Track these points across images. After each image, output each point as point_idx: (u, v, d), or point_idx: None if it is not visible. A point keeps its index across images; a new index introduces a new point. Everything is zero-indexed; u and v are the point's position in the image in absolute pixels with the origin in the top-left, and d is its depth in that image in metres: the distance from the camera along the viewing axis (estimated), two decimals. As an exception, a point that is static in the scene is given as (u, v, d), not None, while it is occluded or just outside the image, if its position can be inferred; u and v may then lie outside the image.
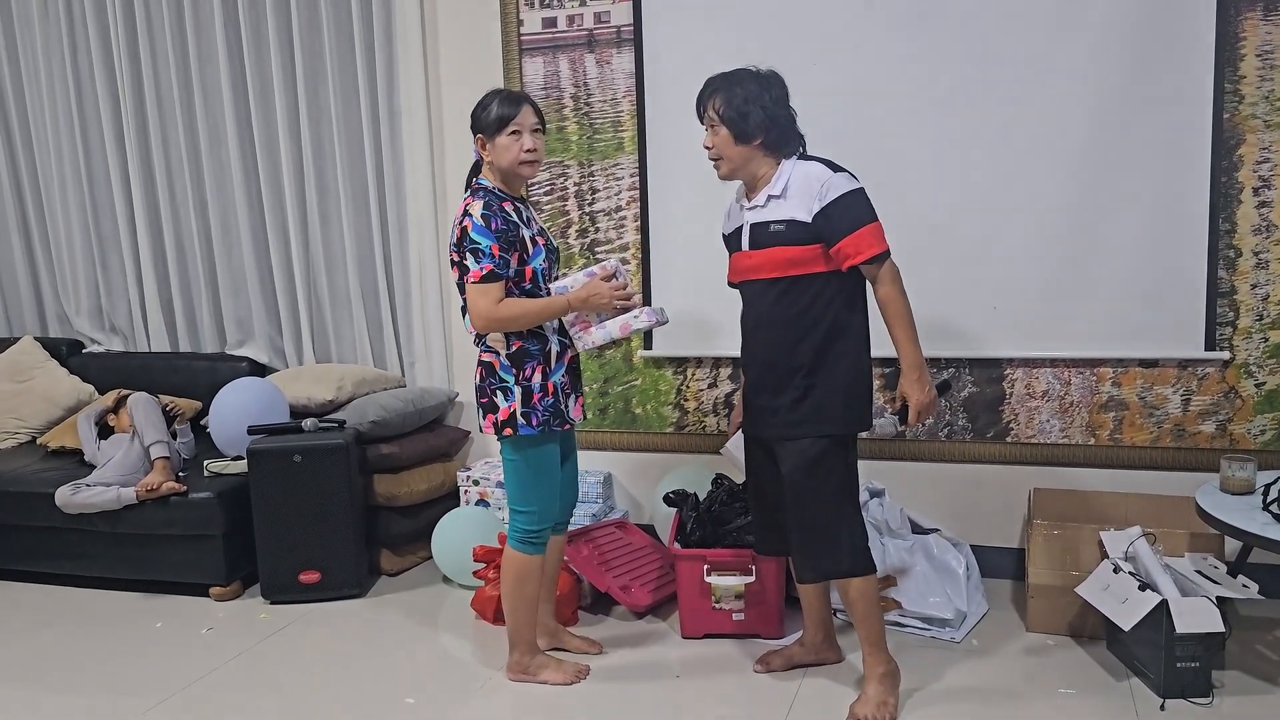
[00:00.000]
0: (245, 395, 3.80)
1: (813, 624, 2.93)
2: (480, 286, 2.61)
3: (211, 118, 4.23)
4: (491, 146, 2.68)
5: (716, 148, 2.62)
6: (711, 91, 2.61)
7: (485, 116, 2.68)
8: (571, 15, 3.73)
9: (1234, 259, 3.19)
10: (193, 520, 3.53)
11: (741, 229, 2.67)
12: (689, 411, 3.81)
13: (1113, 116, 3.21)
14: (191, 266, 4.39)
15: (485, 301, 2.62)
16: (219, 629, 3.39)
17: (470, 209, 2.63)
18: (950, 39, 3.31)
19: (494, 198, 2.66)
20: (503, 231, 2.62)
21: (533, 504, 2.76)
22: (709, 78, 2.65)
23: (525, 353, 2.71)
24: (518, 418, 2.69)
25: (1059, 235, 3.30)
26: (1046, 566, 3.08)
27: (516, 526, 2.78)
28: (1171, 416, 3.31)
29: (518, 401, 2.69)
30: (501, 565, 2.85)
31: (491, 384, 2.71)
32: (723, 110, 2.58)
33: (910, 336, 2.57)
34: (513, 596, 2.82)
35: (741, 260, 2.69)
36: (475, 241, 2.61)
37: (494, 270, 2.61)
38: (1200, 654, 2.65)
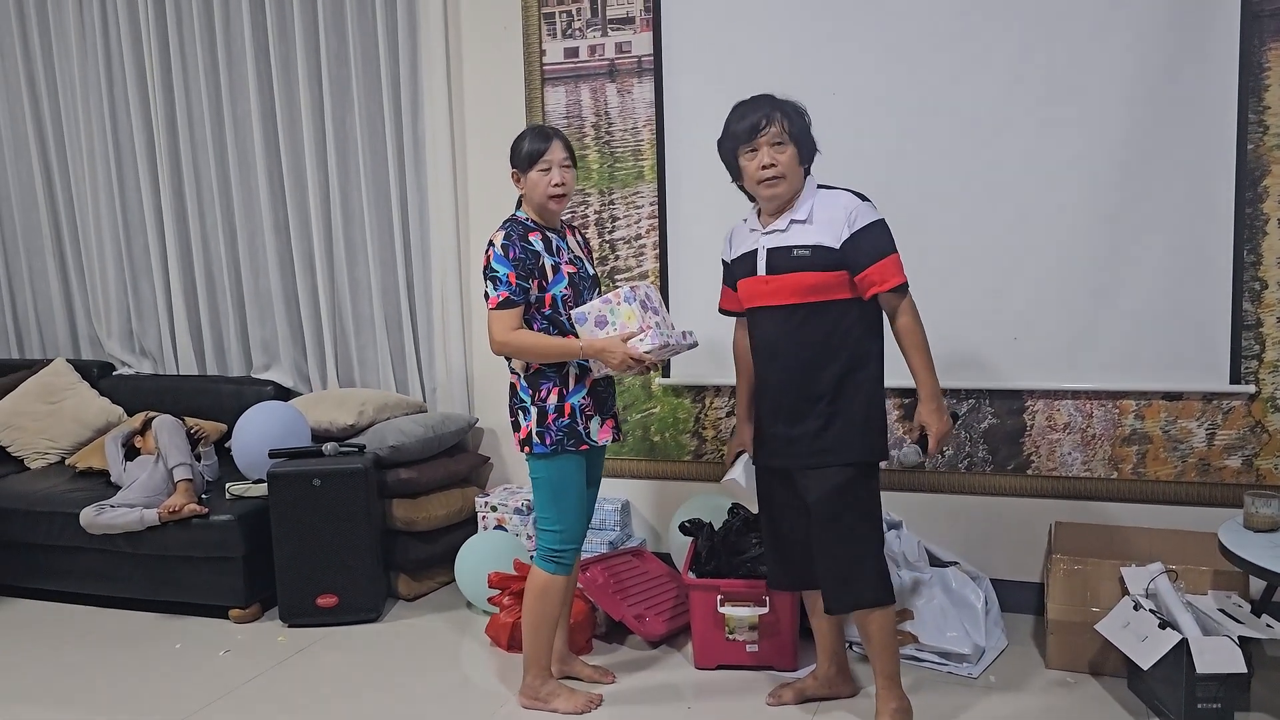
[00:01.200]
0: (268, 418, 3.84)
1: (826, 657, 2.90)
2: (496, 313, 2.71)
3: (241, 147, 4.31)
4: (524, 180, 2.78)
5: (781, 166, 2.54)
6: (772, 107, 2.55)
7: (519, 152, 2.78)
8: (593, 45, 3.77)
9: (1259, 291, 3.14)
10: (214, 542, 3.57)
11: (756, 253, 2.64)
12: (707, 440, 3.80)
13: (1136, 147, 3.18)
14: (220, 292, 4.46)
15: (499, 327, 2.71)
16: (237, 651, 3.41)
17: (494, 239, 2.74)
18: (972, 72, 3.31)
19: (519, 228, 2.75)
20: (520, 260, 2.70)
21: (557, 522, 2.79)
22: (754, 98, 2.60)
23: (541, 374, 2.77)
24: (533, 436, 2.75)
25: (1081, 266, 3.27)
26: (1066, 602, 3.03)
27: (542, 544, 2.82)
28: (1196, 451, 3.25)
29: (533, 421, 2.75)
30: (526, 583, 2.87)
31: (514, 403, 2.82)
32: (792, 129, 2.55)
33: (928, 365, 2.56)
34: (533, 614, 2.84)
35: (755, 285, 2.65)
36: (494, 270, 2.71)
37: (509, 297, 2.69)
38: (1222, 695, 2.59)
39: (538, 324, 2.76)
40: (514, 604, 3.34)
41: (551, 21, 3.81)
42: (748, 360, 2.81)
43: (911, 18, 3.35)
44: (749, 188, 2.65)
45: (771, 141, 2.53)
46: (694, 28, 3.60)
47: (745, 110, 2.58)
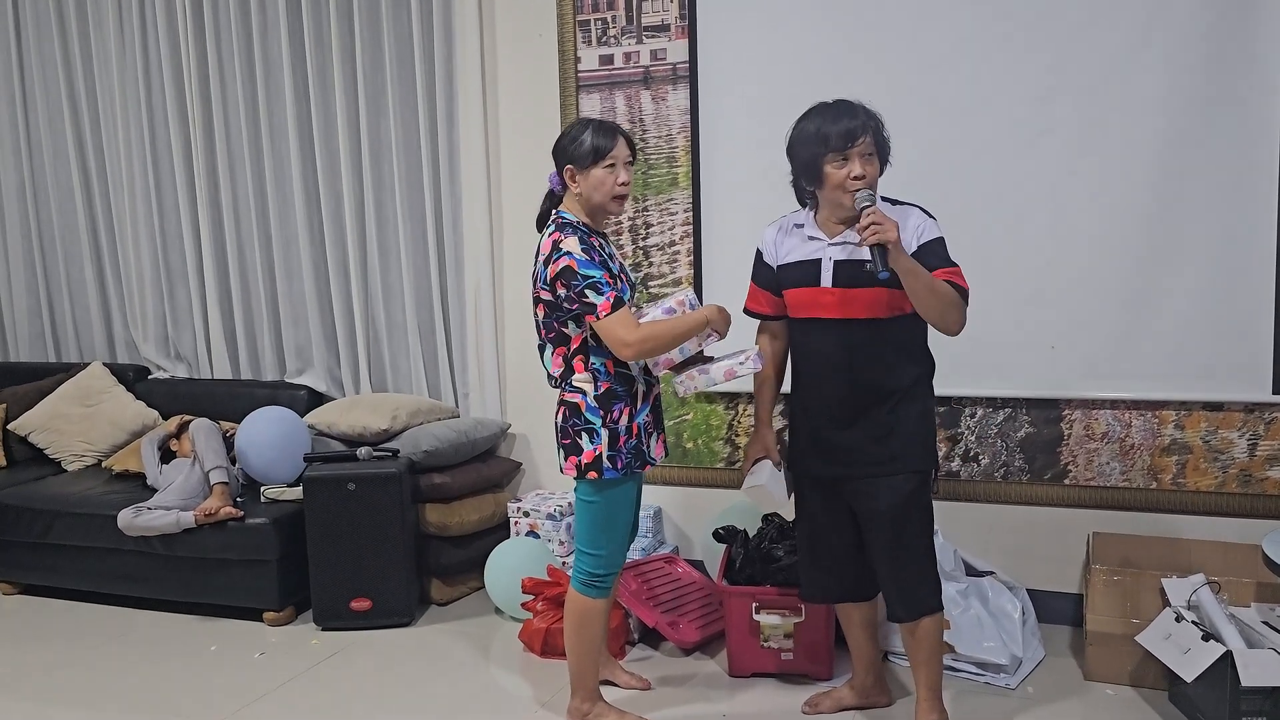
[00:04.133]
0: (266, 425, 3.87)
1: (863, 666, 2.88)
2: (613, 317, 2.51)
3: (277, 154, 4.35)
4: (583, 178, 2.60)
5: (870, 177, 2.48)
6: (867, 117, 2.49)
7: (578, 148, 2.59)
8: (628, 53, 3.78)
9: (1303, 300, 3.11)
10: (249, 545, 3.59)
11: (819, 263, 2.56)
12: (740, 447, 3.79)
13: (1175, 154, 3.16)
14: (254, 297, 4.50)
15: (624, 329, 2.51)
16: (271, 654, 3.43)
17: (565, 245, 2.53)
18: (1009, 79, 3.29)
19: (583, 233, 2.59)
20: (603, 262, 2.57)
21: (603, 548, 2.68)
22: (848, 105, 2.51)
23: (613, 394, 2.62)
24: (603, 461, 2.60)
25: (1120, 274, 3.24)
26: (1106, 613, 3.00)
27: (582, 569, 2.70)
28: (1237, 461, 3.21)
29: (604, 444, 2.60)
30: (565, 607, 2.78)
31: (576, 425, 2.62)
32: (879, 142, 2.50)
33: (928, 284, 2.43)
34: (575, 640, 2.74)
35: (816, 296, 2.57)
36: (588, 275, 2.51)
37: (618, 296, 2.53)
38: (1268, 709, 2.55)
39: (590, 334, 2.60)
40: (547, 609, 3.34)
41: (586, 29, 3.83)
42: (774, 366, 2.79)
43: (947, 26, 3.34)
44: (827, 194, 2.53)
45: (864, 152, 2.46)
46: (730, 35, 3.61)
47: (837, 114, 2.48)
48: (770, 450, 2.79)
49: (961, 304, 2.47)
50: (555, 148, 2.68)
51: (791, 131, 2.58)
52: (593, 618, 2.72)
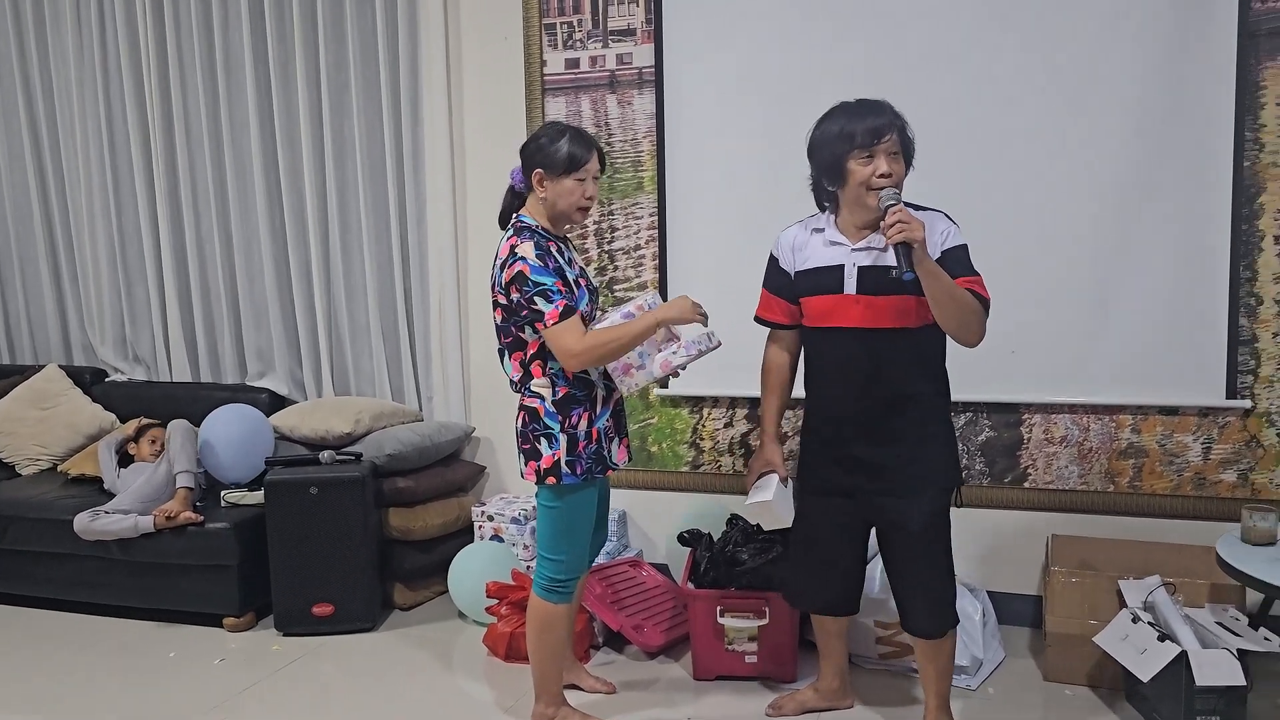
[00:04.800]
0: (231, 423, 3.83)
1: (832, 670, 2.89)
2: (561, 325, 2.48)
3: (238, 153, 4.30)
4: (553, 185, 2.58)
5: (896, 176, 2.41)
6: (894, 116, 2.43)
7: (553, 154, 2.56)
8: (594, 56, 3.78)
9: (1255, 307, 3.17)
10: (208, 550, 3.55)
11: (841, 269, 2.47)
12: (705, 450, 3.80)
13: (1134, 164, 3.21)
14: (215, 299, 4.44)
15: (571, 338, 2.49)
16: (231, 660, 3.39)
17: (521, 250, 2.51)
18: (972, 89, 3.33)
19: (540, 237, 2.57)
20: (559, 269, 2.54)
21: (563, 553, 2.66)
22: (876, 102, 2.44)
23: (572, 399, 2.61)
24: (561, 466, 2.59)
25: (1078, 280, 3.29)
26: (1064, 615, 3.04)
27: (544, 574, 2.68)
28: (1192, 465, 3.28)
29: (563, 450, 2.59)
30: (527, 613, 2.76)
31: (535, 430, 2.61)
32: (904, 143, 2.43)
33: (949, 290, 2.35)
34: (538, 645, 2.73)
35: (839, 304, 2.48)
36: (539, 282, 2.48)
37: (568, 305, 2.49)
38: (1221, 708, 2.60)
39: None
40: (512, 613, 3.33)
41: (552, 32, 3.82)
42: (783, 377, 2.70)
43: (913, 33, 3.37)
44: (849, 194, 2.44)
45: (889, 151, 2.39)
46: (696, 40, 3.62)
47: (863, 112, 2.42)
48: (778, 465, 2.69)
49: (982, 314, 2.40)
50: (526, 149, 2.64)
51: (813, 132, 2.49)
52: (555, 623, 2.71)
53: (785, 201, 3.42)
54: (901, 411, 2.49)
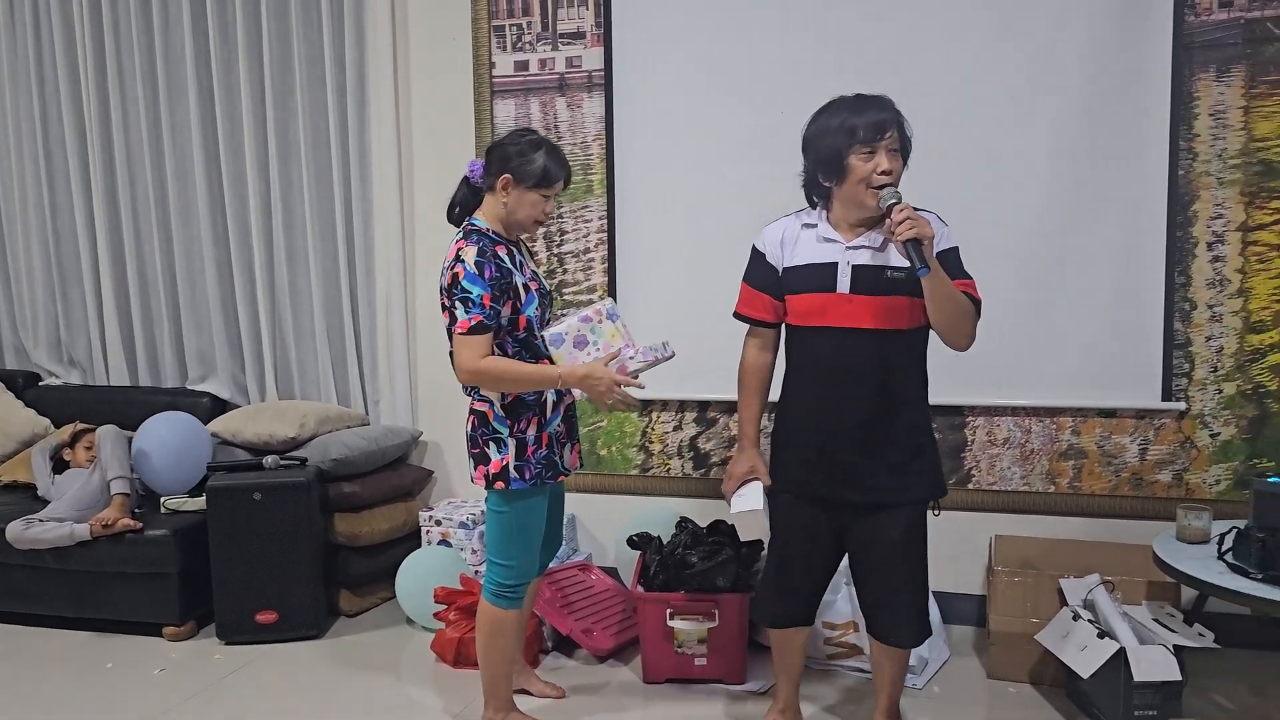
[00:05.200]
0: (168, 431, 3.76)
1: (793, 686, 2.76)
2: (466, 338, 2.46)
3: (179, 152, 4.22)
4: (517, 194, 2.55)
5: (896, 173, 2.35)
6: (895, 112, 2.38)
7: (527, 164, 2.53)
8: (543, 59, 3.77)
9: (1189, 312, 3.26)
10: (148, 558, 3.47)
11: (835, 267, 2.39)
12: (654, 454, 3.80)
13: (1074, 172, 3.29)
14: (154, 300, 4.35)
15: (469, 354, 2.47)
16: (172, 670, 3.31)
17: (463, 255, 2.49)
18: (919, 96, 3.33)
19: (488, 242, 2.53)
20: (496, 279, 2.49)
21: (513, 558, 2.63)
22: (877, 97, 2.40)
23: (521, 403, 2.58)
24: (510, 471, 2.56)
25: (1020, 286, 3.35)
26: (1007, 613, 3.10)
27: (493, 579, 2.65)
28: (1129, 465, 3.36)
29: (511, 454, 2.57)
30: (476, 618, 2.73)
31: (484, 434, 2.59)
32: (905, 139, 2.38)
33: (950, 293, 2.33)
34: (487, 650, 2.70)
35: (832, 302, 2.40)
36: (466, 290, 2.46)
37: (483, 321, 2.46)
38: (1158, 703, 2.67)
39: (510, 348, 2.56)
40: (460, 619, 3.30)
41: (501, 34, 3.81)
42: (764, 378, 2.59)
43: (859, 41, 3.41)
44: (847, 190, 2.37)
45: (890, 147, 2.33)
46: (646, 44, 3.63)
47: (864, 106, 2.36)
48: (763, 473, 2.57)
49: (975, 317, 2.38)
50: (497, 152, 2.60)
51: (810, 125, 2.43)
52: (504, 628, 2.69)
53: (735, 204, 3.48)
54: (893, 417, 2.43)
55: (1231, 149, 3.19)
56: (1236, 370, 3.24)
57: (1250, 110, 3.17)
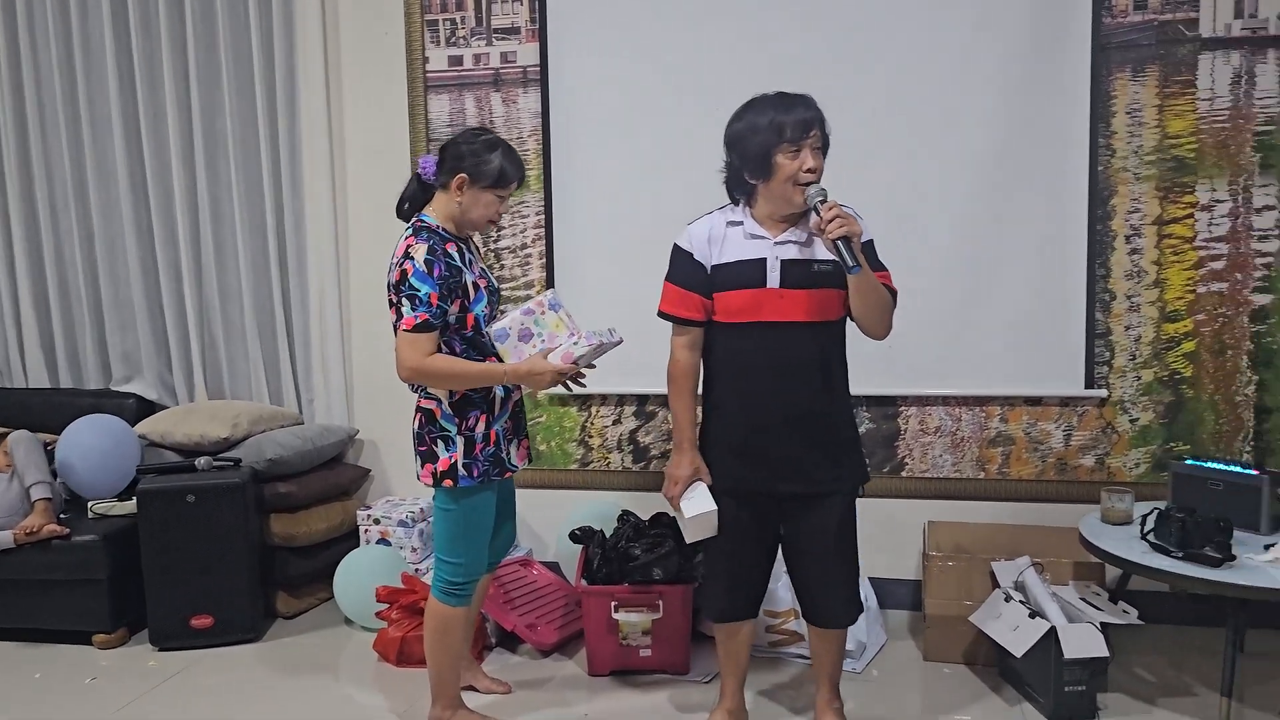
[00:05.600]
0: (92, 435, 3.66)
1: (740, 684, 2.76)
2: (411, 336, 2.46)
3: (100, 147, 4.10)
4: (472, 193, 2.55)
5: (820, 170, 2.39)
6: (817, 110, 2.40)
7: (484, 164, 2.54)
8: (478, 54, 3.75)
9: (1109, 302, 3.39)
10: (76, 564, 3.38)
11: (764, 263, 2.42)
12: (593, 448, 3.82)
13: (999, 169, 3.39)
14: (75, 299, 4.22)
15: (414, 353, 2.46)
16: (103, 678, 3.23)
17: (413, 252, 2.47)
18: (848, 95, 3.42)
19: (439, 239, 2.52)
20: (445, 278, 2.47)
21: (461, 555, 2.63)
22: (800, 96, 2.42)
23: (469, 401, 2.57)
24: (459, 469, 2.56)
25: (950, 280, 3.45)
26: (942, 597, 3.19)
27: (441, 577, 2.64)
28: (1055, 451, 3.48)
29: (459, 452, 2.56)
30: (425, 616, 2.72)
31: (431, 432, 2.58)
32: (826, 136, 2.42)
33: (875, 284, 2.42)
34: (436, 648, 2.69)
35: (763, 298, 2.42)
36: (414, 288, 2.45)
37: (428, 320, 2.45)
38: (1086, 678, 2.78)
39: (458, 346, 2.55)
40: (403, 618, 3.28)
41: (435, 28, 3.78)
42: (695, 378, 2.58)
43: (790, 41, 3.47)
44: (774, 188, 2.39)
45: (814, 145, 2.38)
46: (581, 39, 3.64)
47: (791, 104, 2.39)
48: (704, 472, 2.56)
49: (893, 308, 2.46)
50: (452, 150, 2.59)
51: (736, 122, 2.44)
52: (453, 626, 2.68)
53: (671, 198, 3.51)
54: (828, 408, 2.48)
55: (1147, 145, 3.33)
56: (1154, 358, 3.38)
57: (1164, 108, 3.31)
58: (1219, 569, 2.58)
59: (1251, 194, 3.28)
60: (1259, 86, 3.25)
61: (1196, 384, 3.36)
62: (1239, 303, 3.32)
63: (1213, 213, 3.31)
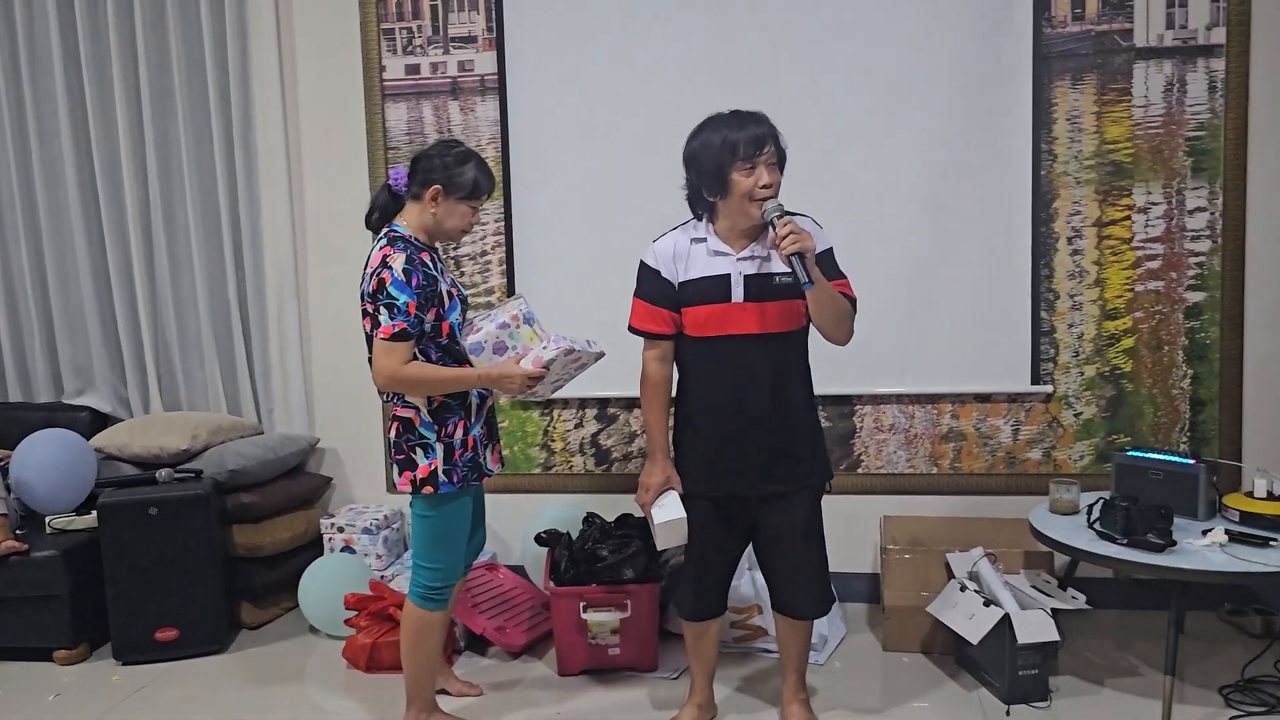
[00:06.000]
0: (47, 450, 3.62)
1: (709, 679, 2.87)
2: (388, 344, 2.50)
3: (47, 157, 4.04)
4: (446, 205, 2.61)
5: (775, 186, 2.47)
6: (770, 126, 2.48)
7: (457, 176, 2.60)
8: (435, 63, 3.78)
9: (1053, 301, 3.52)
10: (35, 581, 3.34)
11: (729, 278, 2.52)
12: (556, 452, 3.87)
13: (947, 175, 3.51)
14: (23, 310, 4.16)
15: (391, 360, 2.50)
16: (66, 695, 3.20)
17: (391, 261, 2.51)
18: (801, 104, 3.52)
19: (414, 249, 2.56)
20: (423, 287, 2.53)
21: (439, 561, 2.67)
22: (754, 114, 2.49)
23: (447, 408, 2.62)
24: (439, 475, 2.60)
25: (902, 283, 3.56)
26: (899, 589, 3.29)
27: (419, 582, 2.68)
28: (1004, 445, 3.61)
29: (439, 459, 2.61)
30: (402, 621, 2.76)
31: (410, 440, 2.61)
32: (781, 151, 2.50)
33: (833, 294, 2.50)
34: (414, 652, 2.73)
35: (728, 313, 2.52)
36: (392, 297, 2.49)
37: (406, 329, 2.50)
38: (1038, 662, 2.90)
39: (434, 354, 2.61)
40: (372, 624, 3.30)
41: (391, 37, 3.79)
42: (667, 390, 2.66)
43: (747, 47, 3.55)
44: (733, 204, 2.48)
45: (769, 161, 2.46)
46: (538, 48, 3.68)
47: (743, 122, 2.46)
48: (676, 481, 2.65)
49: (853, 314, 2.55)
50: (425, 163, 2.63)
51: (692, 142, 2.52)
52: (431, 630, 2.72)
53: (630, 205, 3.58)
54: (792, 411, 2.58)
55: (1086, 151, 3.47)
56: (1095, 354, 3.52)
57: (1101, 115, 3.45)
58: (1161, 554, 2.71)
59: (1184, 196, 3.44)
60: (1190, 94, 3.41)
61: (1136, 379, 3.51)
62: (1174, 300, 3.47)
63: (1148, 215, 3.46)
